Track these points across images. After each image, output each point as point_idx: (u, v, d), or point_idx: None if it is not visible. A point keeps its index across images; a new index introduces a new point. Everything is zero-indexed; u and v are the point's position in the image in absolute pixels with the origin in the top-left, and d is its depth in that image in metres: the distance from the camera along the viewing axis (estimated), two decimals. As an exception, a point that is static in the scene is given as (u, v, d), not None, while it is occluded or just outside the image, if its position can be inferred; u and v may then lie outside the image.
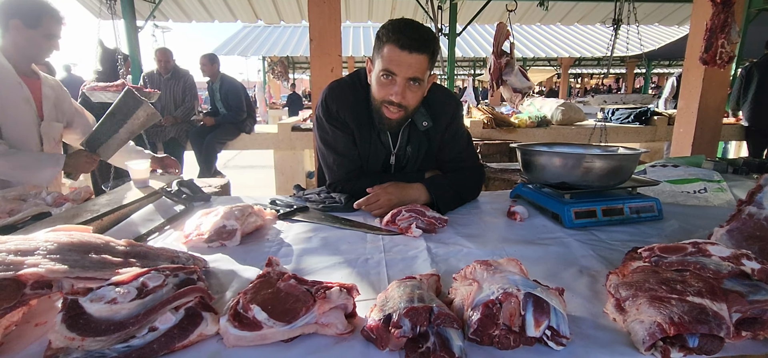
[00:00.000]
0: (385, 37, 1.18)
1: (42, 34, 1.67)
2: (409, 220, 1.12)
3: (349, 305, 0.67)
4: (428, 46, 1.18)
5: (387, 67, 1.19)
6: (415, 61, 1.17)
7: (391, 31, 1.17)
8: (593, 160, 1.16)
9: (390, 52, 1.17)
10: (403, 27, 1.17)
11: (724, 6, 2.66)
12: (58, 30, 1.71)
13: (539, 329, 0.60)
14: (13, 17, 1.64)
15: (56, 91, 1.88)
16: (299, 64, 17.17)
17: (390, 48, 1.17)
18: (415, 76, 1.19)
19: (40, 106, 1.79)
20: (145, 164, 1.53)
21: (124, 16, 4.54)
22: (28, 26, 1.65)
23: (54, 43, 1.72)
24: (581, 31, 13.22)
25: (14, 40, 1.67)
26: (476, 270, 0.72)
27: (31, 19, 1.64)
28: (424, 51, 1.17)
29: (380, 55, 1.20)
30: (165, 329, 0.60)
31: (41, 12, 1.65)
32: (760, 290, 0.64)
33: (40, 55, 1.73)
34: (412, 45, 1.15)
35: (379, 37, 1.21)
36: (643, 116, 5.14)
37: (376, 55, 1.23)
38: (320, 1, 2.69)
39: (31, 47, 1.69)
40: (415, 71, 1.18)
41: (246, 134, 4.64)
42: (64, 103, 1.92)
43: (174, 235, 1.13)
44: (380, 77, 1.22)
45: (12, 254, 0.64)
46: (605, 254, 0.97)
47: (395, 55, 1.17)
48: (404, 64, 1.17)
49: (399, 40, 1.15)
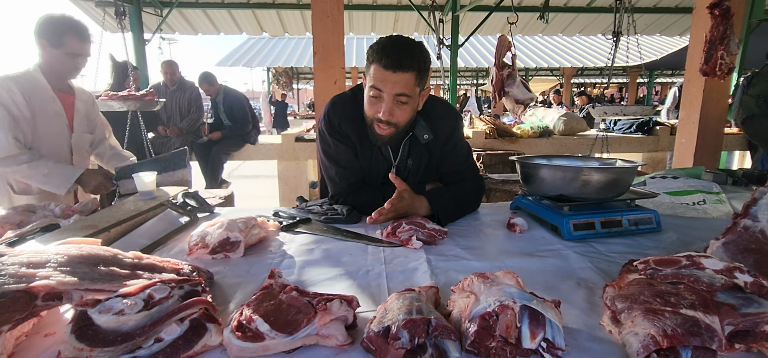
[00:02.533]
0: (371, 58, 1.21)
1: (65, 53, 1.74)
2: (410, 232, 1.14)
3: (350, 317, 0.69)
4: (413, 63, 1.20)
5: (374, 85, 1.22)
6: (401, 79, 1.19)
7: (376, 51, 1.20)
8: (591, 173, 1.17)
9: (376, 71, 1.20)
10: (387, 47, 1.19)
11: (723, 17, 2.68)
12: (82, 48, 1.77)
13: (535, 340, 0.62)
14: (42, 37, 1.73)
15: (88, 105, 1.98)
16: (303, 75, 17.33)
17: (375, 68, 1.20)
18: (402, 93, 1.21)
19: (71, 119, 1.89)
20: (151, 176, 1.56)
21: (133, 29, 4.64)
22: (52, 46, 1.72)
23: (79, 61, 1.79)
24: (583, 41, 13.28)
25: (45, 58, 1.76)
26: (474, 283, 0.74)
27: (55, 38, 1.72)
28: (409, 69, 1.19)
29: (369, 74, 1.24)
30: (170, 340, 0.62)
31: (63, 31, 1.72)
32: (753, 302, 0.65)
33: (66, 73, 1.81)
34: (396, 64, 1.18)
35: (368, 56, 1.24)
36: (646, 126, 5.14)
37: (367, 73, 1.26)
38: (324, 15, 2.75)
39: (58, 65, 1.77)
40: (401, 89, 1.21)
41: (250, 145, 4.70)
42: (92, 114, 2.02)
43: (179, 247, 1.15)
44: (369, 95, 1.25)
45: (24, 267, 0.67)
46: (603, 266, 0.98)
47: (380, 75, 1.20)
48: (389, 82, 1.20)
49: (383, 60, 1.18)
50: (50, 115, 1.79)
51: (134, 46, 4.70)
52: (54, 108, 1.79)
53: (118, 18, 3.89)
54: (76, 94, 1.92)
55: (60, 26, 1.71)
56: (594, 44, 13.12)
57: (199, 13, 6.52)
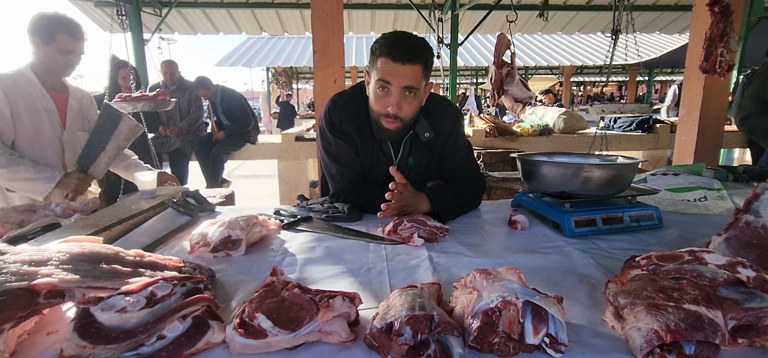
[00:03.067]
0: (378, 51, 1.22)
1: (57, 50, 1.72)
2: (411, 230, 1.14)
3: (352, 314, 0.69)
4: (421, 56, 1.21)
5: (382, 78, 1.22)
6: (409, 71, 1.20)
7: (383, 44, 1.20)
8: (592, 169, 1.17)
9: (384, 64, 1.20)
10: (395, 40, 1.21)
11: (722, 15, 2.68)
12: (74, 45, 1.76)
13: (538, 336, 0.62)
14: (34, 35, 1.71)
15: (83, 103, 1.95)
16: (303, 75, 17.32)
17: (384, 61, 1.20)
18: (410, 86, 1.22)
19: (64, 116, 1.86)
20: (152, 175, 1.56)
21: (132, 29, 4.63)
22: (44, 43, 1.71)
23: (72, 58, 1.77)
24: (583, 39, 13.27)
25: (38, 56, 1.75)
26: (476, 279, 0.74)
27: (46, 35, 1.70)
28: (417, 61, 1.20)
29: (375, 68, 1.24)
30: (173, 337, 0.62)
31: (56, 28, 1.70)
32: (756, 297, 0.65)
33: (58, 70, 1.79)
34: (405, 56, 1.18)
35: (373, 51, 1.24)
36: (646, 124, 5.14)
37: (372, 68, 1.26)
38: (323, 15, 2.74)
39: (50, 63, 1.75)
40: (409, 81, 1.21)
41: (251, 144, 4.69)
42: (89, 113, 1.99)
43: (180, 245, 1.15)
44: (376, 89, 1.25)
45: (26, 265, 0.66)
46: (605, 263, 0.98)
47: (389, 67, 1.20)
48: (398, 74, 1.20)
49: (392, 53, 1.19)
50: (39, 112, 1.76)
51: (133, 46, 4.69)
52: (44, 105, 1.76)
53: (120, 19, 3.91)
54: (71, 92, 1.89)
55: (52, 23, 1.70)
56: (593, 42, 13.11)
57: (198, 13, 6.51)
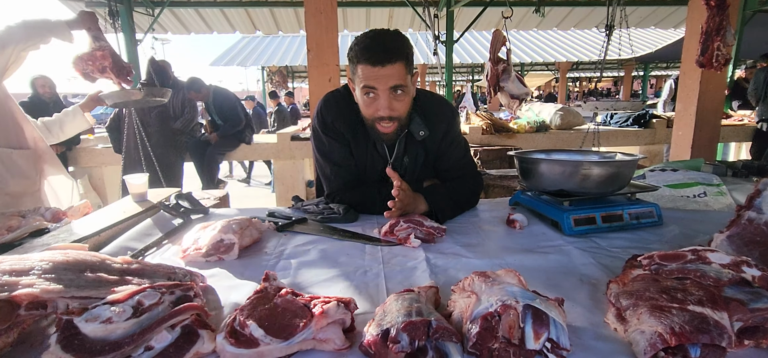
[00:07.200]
0: (356, 58, 1.17)
1: None
2: (408, 230, 1.11)
3: (347, 320, 0.67)
4: (401, 52, 1.17)
5: (366, 84, 1.18)
6: (392, 71, 1.16)
7: (360, 50, 1.16)
8: (591, 167, 1.16)
9: (365, 70, 1.16)
10: (370, 43, 1.16)
11: (718, 9, 2.67)
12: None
13: (539, 341, 0.60)
14: None
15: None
16: (298, 74, 17.25)
17: (364, 67, 1.16)
18: (397, 85, 1.18)
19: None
20: (143, 178, 1.53)
21: (124, 30, 4.58)
22: None
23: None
24: (578, 35, 13.30)
25: None
26: (474, 282, 0.72)
27: None
28: (397, 59, 1.16)
29: (357, 76, 1.20)
30: (161, 349, 0.60)
31: None
32: (762, 297, 0.63)
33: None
34: (384, 58, 1.14)
35: (351, 58, 1.20)
36: (642, 119, 5.14)
37: (354, 75, 1.22)
38: (317, 13, 2.71)
39: None
40: (395, 80, 1.17)
41: (246, 144, 4.65)
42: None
43: (172, 250, 1.12)
44: (364, 96, 1.22)
45: (6, 275, 0.64)
46: (606, 262, 0.96)
47: (371, 73, 1.16)
48: (382, 77, 1.16)
49: (371, 58, 1.15)
50: None
51: (126, 47, 4.64)
52: None
53: (113, 20, 3.85)
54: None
55: None
56: (589, 38, 13.14)
57: (192, 13, 6.46)
